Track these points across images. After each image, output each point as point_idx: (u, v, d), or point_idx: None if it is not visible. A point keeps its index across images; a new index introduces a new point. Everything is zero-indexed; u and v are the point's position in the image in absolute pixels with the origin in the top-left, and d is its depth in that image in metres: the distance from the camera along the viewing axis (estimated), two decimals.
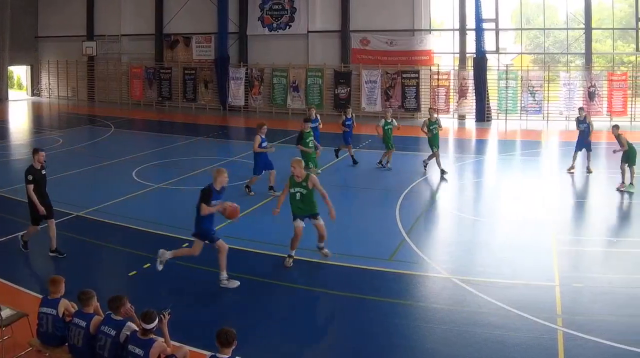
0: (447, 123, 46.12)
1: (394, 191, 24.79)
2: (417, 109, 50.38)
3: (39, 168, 18.13)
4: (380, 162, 31.26)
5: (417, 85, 50.42)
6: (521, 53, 53.74)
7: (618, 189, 25.81)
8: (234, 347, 9.96)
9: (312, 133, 27.03)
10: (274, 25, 55.50)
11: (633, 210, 23.67)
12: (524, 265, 17.72)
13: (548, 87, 48.51)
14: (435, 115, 30.72)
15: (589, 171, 29.47)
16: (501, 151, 30.46)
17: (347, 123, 31.75)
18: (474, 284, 16.22)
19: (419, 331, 14.05)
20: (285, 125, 47.19)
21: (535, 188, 26.61)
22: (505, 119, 48.41)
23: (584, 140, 29.93)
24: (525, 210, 23.06)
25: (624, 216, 23.47)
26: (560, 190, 26.35)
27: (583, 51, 49.08)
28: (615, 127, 26.72)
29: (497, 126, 47.80)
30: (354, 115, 33.02)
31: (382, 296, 15.78)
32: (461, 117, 49.99)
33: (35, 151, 18.19)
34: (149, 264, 17.55)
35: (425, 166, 30.21)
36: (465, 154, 36.66)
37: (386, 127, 30.91)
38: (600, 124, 43.16)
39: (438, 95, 50.09)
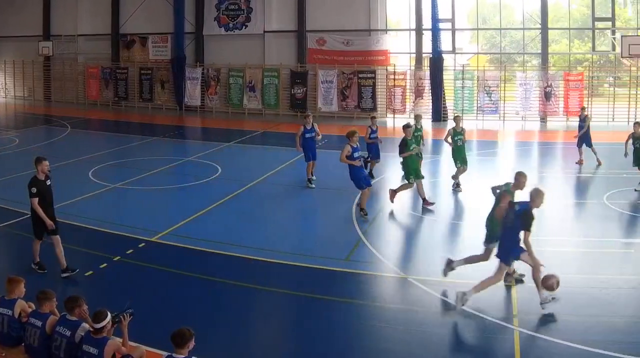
0: (403, 123, 42.56)
1: (350, 191, 23.83)
2: (374, 108, 48.49)
3: (43, 179, 16.41)
4: (457, 185, 26.68)
5: (374, 85, 49.05)
6: (477, 53, 53.03)
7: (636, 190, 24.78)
8: (190, 347, 9.72)
9: (413, 140, 24.03)
10: (230, 25, 53.73)
11: (592, 210, 23.08)
12: (479, 265, 16.61)
13: (504, 87, 47.38)
14: (461, 125, 26.64)
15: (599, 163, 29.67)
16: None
17: (372, 136, 27.89)
18: (430, 284, 15.95)
19: (375, 331, 13.74)
20: (242, 125, 46.31)
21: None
22: (462, 119, 43.81)
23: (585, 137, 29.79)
24: (481, 210, 20.77)
25: (583, 216, 23.02)
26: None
27: (539, 51, 48.07)
28: (637, 124, 25.75)
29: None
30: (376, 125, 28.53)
31: (339, 296, 15.48)
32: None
33: (38, 160, 16.39)
34: (105, 264, 17.09)
35: (456, 186, 26.50)
36: (422, 153, 33.31)
37: (456, 138, 26.12)
38: (557, 124, 43.30)
39: (394, 95, 48.70)
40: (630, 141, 25.91)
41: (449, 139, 26.02)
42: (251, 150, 36.32)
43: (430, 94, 47.74)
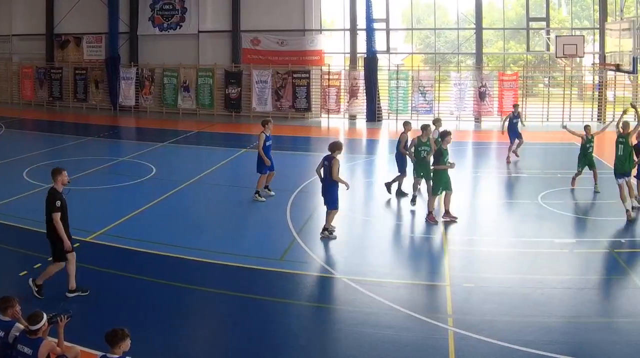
0: (338, 123, 45.53)
1: (284, 191, 23.48)
2: (308, 109, 46.92)
3: (61, 191, 14.39)
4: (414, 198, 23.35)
5: (308, 85, 46.88)
6: (412, 53, 51.40)
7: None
8: (124, 347, 9.27)
9: (448, 151, 21.01)
10: (165, 25, 50.91)
11: (525, 210, 22.28)
12: (415, 265, 17.15)
13: (439, 87, 45.66)
14: (431, 136, 23.09)
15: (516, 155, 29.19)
16: (392, 151, 27.05)
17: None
18: (364, 284, 15.40)
19: (309, 331, 13.37)
20: (176, 125, 44.49)
21: (425, 188, 24.04)
22: (396, 119, 44.89)
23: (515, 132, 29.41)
24: (415, 210, 21.81)
25: (517, 216, 22.13)
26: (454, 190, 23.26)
27: (474, 51, 46.65)
28: (588, 127, 24.80)
29: (387, 126, 44.92)
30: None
31: (273, 296, 14.98)
32: (352, 117, 47.07)
33: (58, 171, 14.41)
34: (39, 264, 16.02)
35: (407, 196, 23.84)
36: (356, 154, 34.34)
37: (421, 148, 22.52)
38: (491, 124, 42.27)
39: (329, 95, 46.63)
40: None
41: (411, 149, 22.76)
42: (185, 150, 35.13)
43: (364, 94, 45.93)
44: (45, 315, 9.98)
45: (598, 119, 43.88)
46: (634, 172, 21.80)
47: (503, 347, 12.19)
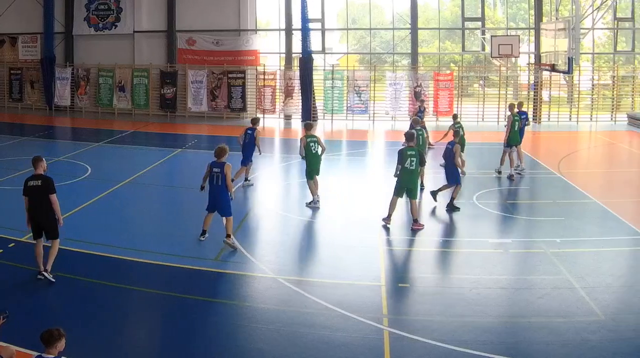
0: (274, 123, 43.98)
1: None
2: (244, 109, 44.86)
3: None
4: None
5: (244, 85, 44.80)
6: (347, 53, 48.88)
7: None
8: (60, 347, 8.68)
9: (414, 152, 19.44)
10: (100, 25, 48.00)
11: (462, 210, 21.08)
12: (350, 265, 16.19)
13: (374, 87, 44.03)
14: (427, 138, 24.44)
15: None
16: (327, 151, 24.92)
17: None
18: (300, 284, 14.80)
19: (245, 331, 12.60)
20: (111, 125, 42.31)
21: (361, 188, 24.89)
22: (332, 119, 43.55)
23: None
24: (351, 210, 21.14)
25: (453, 216, 20.90)
26: (388, 190, 22.16)
27: (409, 51, 45.19)
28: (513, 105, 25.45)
29: (323, 126, 43.18)
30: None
31: (208, 296, 14.22)
32: (287, 117, 45.19)
33: (40, 159, 14.93)
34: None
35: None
36: (291, 154, 32.63)
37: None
38: (427, 123, 37.79)
39: (264, 96, 44.66)
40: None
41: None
42: (121, 150, 33.61)
43: (300, 94, 43.96)
44: None
45: (533, 119, 42.02)
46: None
47: (438, 347, 11.72)
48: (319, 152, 21.48)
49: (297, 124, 43.60)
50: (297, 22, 43.73)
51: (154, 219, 20.74)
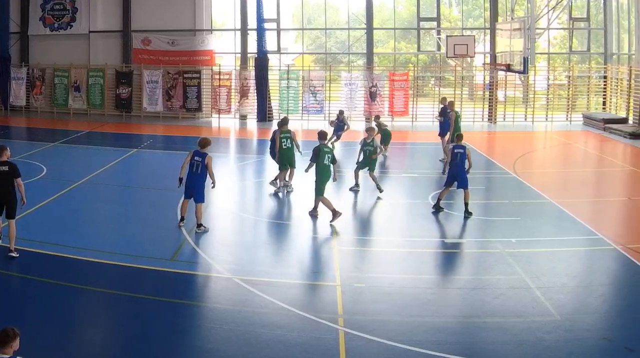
0: (229, 123, 42.64)
1: (175, 191, 20.44)
2: (199, 109, 43.36)
3: None
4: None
5: (199, 85, 43.19)
6: (303, 53, 47.86)
7: None
8: (15, 347, 8.38)
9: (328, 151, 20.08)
10: (56, 25, 45.80)
11: (416, 210, 20.89)
12: (305, 265, 16.14)
13: (329, 87, 42.41)
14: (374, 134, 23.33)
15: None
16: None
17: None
18: (255, 284, 14.29)
19: (200, 331, 12.32)
20: (67, 125, 40.51)
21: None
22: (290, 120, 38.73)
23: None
24: (307, 210, 19.81)
25: (407, 216, 20.67)
26: (342, 190, 23.15)
27: (365, 51, 43.58)
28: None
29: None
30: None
31: (164, 296, 13.76)
32: (243, 117, 43.51)
33: (5, 148, 15.62)
34: None
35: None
36: (247, 154, 33.11)
37: (365, 148, 22.83)
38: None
39: (220, 95, 43.02)
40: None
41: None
42: (76, 150, 32.41)
43: (255, 94, 42.43)
44: None
45: (489, 119, 41.41)
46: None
47: (394, 347, 11.40)
48: (290, 146, 22.14)
49: (252, 123, 42.45)
50: (252, 22, 42.52)
51: (110, 219, 20.20)
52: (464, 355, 11.05)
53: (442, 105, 28.69)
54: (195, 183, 17.88)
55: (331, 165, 19.14)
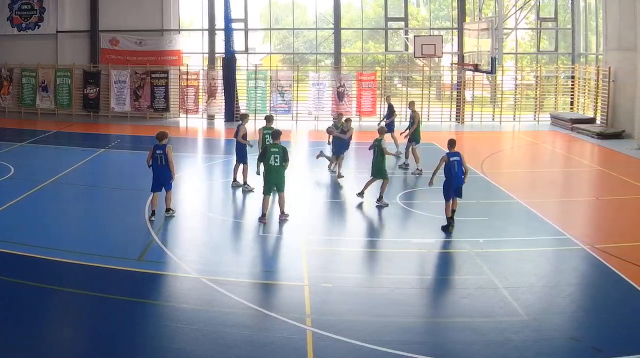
0: (196, 123, 41.35)
1: (142, 191, 20.54)
2: (166, 109, 42.02)
3: None
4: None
5: (167, 85, 41.86)
6: (270, 53, 46.36)
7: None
8: None
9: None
10: (23, 25, 44.23)
11: (384, 210, 20.00)
12: (273, 265, 15.73)
13: (297, 87, 41.28)
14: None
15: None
16: (251, 151, 23.74)
17: None
18: (223, 284, 13.99)
19: (167, 331, 11.93)
20: (35, 125, 39.17)
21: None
22: (255, 119, 39.62)
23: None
24: (274, 210, 19.31)
25: (375, 216, 19.91)
26: (310, 190, 23.20)
27: (332, 51, 42.63)
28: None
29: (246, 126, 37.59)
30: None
31: (130, 296, 13.47)
32: (210, 117, 42.24)
33: None
34: None
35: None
36: (214, 154, 32.40)
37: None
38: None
39: (187, 95, 41.65)
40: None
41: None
42: (44, 150, 31.43)
43: (223, 94, 41.18)
44: None
45: (457, 119, 40.54)
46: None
47: (361, 347, 11.11)
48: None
49: (220, 123, 41.36)
50: (220, 22, 41.37)
51: (77, 219, 19.75)
52: (431, 355, 10.93)
53: (389, 104, 30.06)
54: (162, 174, 18.59)
55: (281, 166, 18.61)
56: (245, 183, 22.39)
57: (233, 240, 18.12)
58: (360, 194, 20.71)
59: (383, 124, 28.22)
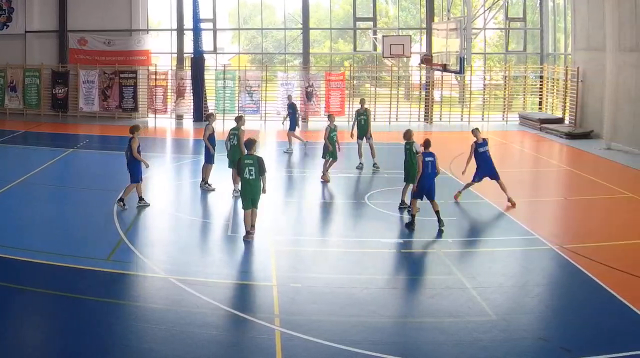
0: (165, 123, 39.80)
1: (111, 191, 20.43)
2: (135, 109, 40.23)
3: None
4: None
5: (135, 85, 40.09)
6: (239, 53, 44.58)
7: None
8: None
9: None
10: None
11: (352, 210, 20.05)
12: (242, 265, 15.48)
13: (266, 87, 39.91)
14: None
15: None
16: (219, 151, 22.82)
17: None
18: (191, 284, 13.61)
19: (135, 331, 11.61)
20: (3, 125, 37.36)
21: None
22: (223, 119, 37.94)
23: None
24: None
25: (343, 216, 19.81)
26: (279, 190, 22.02)
27: (301, 51, 41.07)
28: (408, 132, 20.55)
29: (215, 125, 35.40)
30: None
31: (99, 296, 13.01)
32: (179, 117, 40.63)
33: None
34: None
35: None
36: (183, 154, 31.31)
37: (332, 134, 22.96)
38: (318, 124, 37.22)
39: (156, 95, 40.02)
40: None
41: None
42: (13, 150, 30.58)
43: (191, 94, 39.64)
44: None
45: (425, 119, 39.39)
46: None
47: (330, 347, 10.84)
48: (235, 143, 20.71)
49: (188, 123, 39.96)
50: (188, 22, 39.82)
51: (46, 219, 18.94)
52: (400, 355, 10.72)
53: (290, 102, 30.19)
54: (129, 166, 18.79)
55: (257, 178, 16.52)
56: (205, 181, 21.54)
57: (202, 240, 17.72)
58: (402, 205, 19.29)
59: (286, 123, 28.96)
